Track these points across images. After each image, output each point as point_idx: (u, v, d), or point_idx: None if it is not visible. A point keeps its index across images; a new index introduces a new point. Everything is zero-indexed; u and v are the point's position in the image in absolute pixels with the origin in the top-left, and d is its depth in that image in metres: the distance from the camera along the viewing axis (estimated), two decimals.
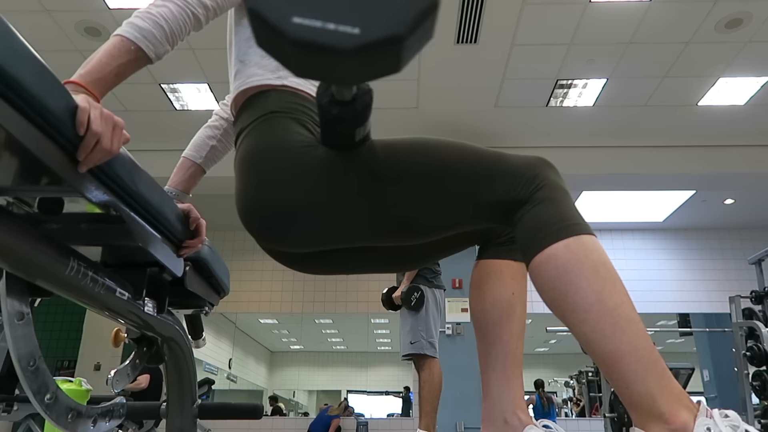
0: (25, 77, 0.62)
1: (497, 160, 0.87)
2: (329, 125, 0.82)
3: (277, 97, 0.96)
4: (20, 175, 0.76)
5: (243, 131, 0.96)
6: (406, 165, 0.87)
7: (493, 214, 0.86)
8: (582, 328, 0.76)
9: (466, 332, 5.79)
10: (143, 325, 1.05)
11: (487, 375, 0.97)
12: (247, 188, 0.91)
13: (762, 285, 5.32)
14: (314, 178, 0.86)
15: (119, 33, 0.84)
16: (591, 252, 0.78)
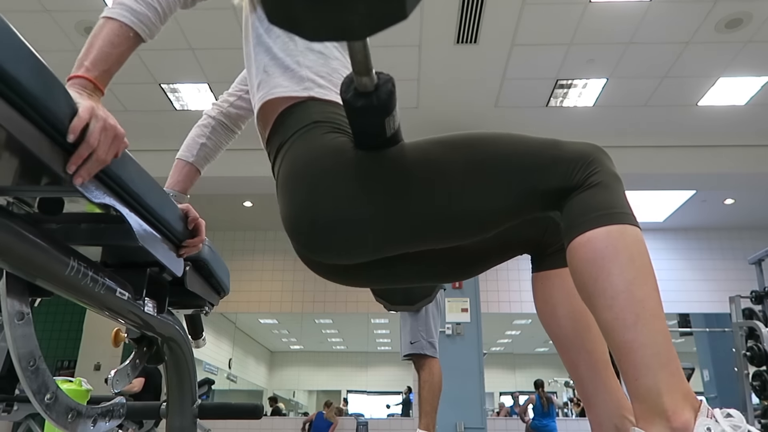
0: (25, 77, 0.62)
1: (551, 147, 0.86)
2: (358, 120, 0.83)
3: (314, 108, 0.94)
4: (20, 175, 0.75)
5: (283, 146, 0.94)
6: (456, 158, 0.85)
7: (550, 202, 0.85)
8: (605, 314, 0.75)
9: (466, 332, 5.79)
10: (143, 325, 1.05)
11: (584, 385, 0.95)
12: (296, 201, 0.89)
13: (762, 285, 5.32)
14: (363, 182, 0.85)
15: (114, 17, 0.81)
16: (631, 242, 0.77)
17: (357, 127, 0.85)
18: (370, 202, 0.85)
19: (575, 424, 7.70)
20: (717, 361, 7.93)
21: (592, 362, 0.94)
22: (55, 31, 4.33)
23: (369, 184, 0.85)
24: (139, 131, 5.69)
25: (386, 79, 0.79)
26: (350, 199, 0.85)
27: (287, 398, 12.25)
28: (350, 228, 0.86)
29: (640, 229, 0.80)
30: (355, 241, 0.87)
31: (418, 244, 0.89)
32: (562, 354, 0.98)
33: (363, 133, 0.86)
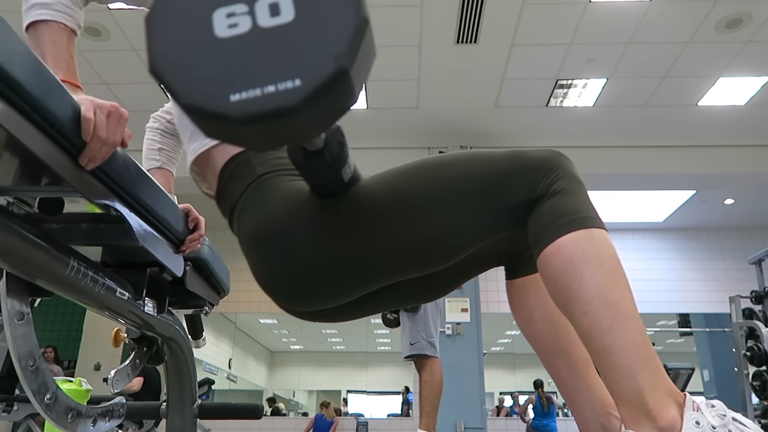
0: (24, 77, 0.62)
1: (512, 160, 0.84)
2: (314, 177, 0.79)
3: (254, 160, 0.90)
4: (20, 175, 0.75)
5: (235, 207, 0.90)
6: (416, 189, 0.83)
7: (520, 215, 0.83)
8: (581, 320, 0.76)
9: (466, 332, 5.79)
10: (143, 325, 1.05)
11: (566, 387, 0.95)
12: (265, 260, 0.86)
13: (762, 285, 5.32)
14: (330, 227, 0.83)
15: (40, 19, 0.86)
16: (600, 246, 0.77)
17: (312, 183, 0.81)
18: (341, 246, 0.82)
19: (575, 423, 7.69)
20: (717, 361, 7.93)
21: (572, 363, 0.94)
22: None
23: (336, 228, 0.83)
24: (139, 131, 5.68)
25: (334, 131, 0.75)
26: (320, 247, 0.82)
27: (287, 398, 12.25)
28: (327, 275, 0.83)
29: (607, 231, 0.80)
30: (334, 286, 0.85)
31: (397, 275, 0.87)
32: (542, 358, 0.98)
33: (319, 187, 0.82)
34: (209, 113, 0.44)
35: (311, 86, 0.43)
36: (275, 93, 0.43)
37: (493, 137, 5.96)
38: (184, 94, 0.44)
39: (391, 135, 5.97)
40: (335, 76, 0.43)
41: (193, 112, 0.45)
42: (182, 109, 0.45)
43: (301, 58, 0.43)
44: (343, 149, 0.75)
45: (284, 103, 0.43)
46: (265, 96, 0.43)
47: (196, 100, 0.44)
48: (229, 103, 0.43)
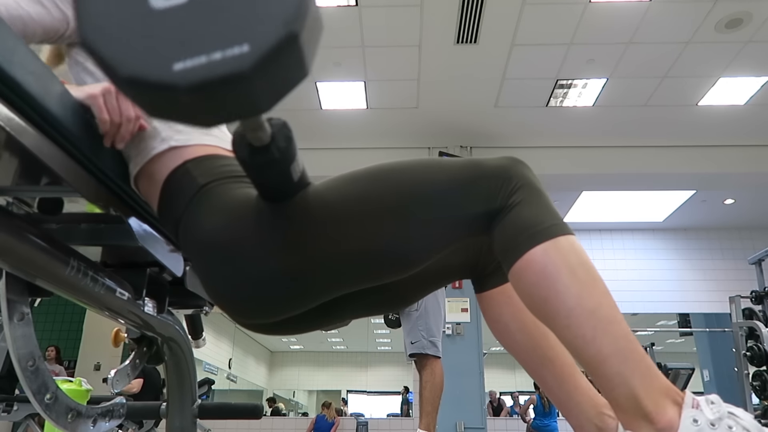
0: (24, 77, 0.62)
1: (467, 168, 0.81)
2: (260, 176, 0.75)
3: (194, 170, 0.87)
4: (20, 175, 0.76)
5: (180, 222, 0.85)
6: (369, 197, 0.80)
7: (478, 226, 0.81)
8: (564, 334, 0.75)
9: (466, 332, 5.79)
10: (143, 325, 1.05)
11: (555, 394, 0.95)
12: (212, 276, 0.82)
13: (762, 285, 5.32)
14: (275, 238, 0.79)
15: None
16: (568, 254, 0.75)
17: (260, 182, 0.77)
18: (291, 254, 0.79)
19: None
20: (717, 361, 7.93)
21: (557, 369, 0.94)
22: None
23: (285, 235, 0.79)
24: None
25: (280, 125, 0.71)
26: (269, 255, 0.79)
27: (287, 398, 12.25)
28: (277, 284, 0.80)
29: (573, 234, 0.78)
30: (285, 296, 0.81)
31: (351, 285, 0.84)
32: (526, 368, 0.98)
33: (267, 187, 0.78)
34: (152, 84, 0.41)
35: (260, 51, 0.40)
36: (222, 59, 0.40)
37: (493, 137, 5.96)
38: (123, 66, 0.41)
39: (391, 135, 5.97)
40: (285, 41, 0.41)
41: (133, 85, 0.42)
42: (120, 83, 0.42)
43: (247, 24, 0.41)
44: (290, 144, 0.72)
45: (233, 69, 0.40)
46: (211, 63, 0.41)
47: (137, 71, 0.41)
48: (173, 71, 0.41)
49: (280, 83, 0.44)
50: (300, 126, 4.35)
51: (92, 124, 0.80)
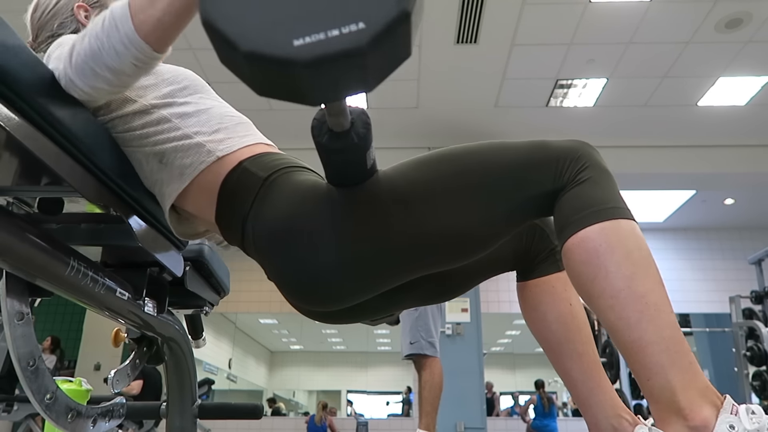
0: (24, 78, 0.62)
1: (536, 150, 0.81)
2: (337, 161, 0.77)
3: (257, 165, 0.87)
4: (20, 175, 0.76)
5: (246, 219, 0.84)
6: (438, 180, 0.81)
7: (544, 206, 0.81)
8: (608, 315, 0.73)
9: (466, 332, 5.79)
10: (143, 325, 1.05)
11: (578, 389, 0.94)
12: (283, 266, 0.82)
13: (762, 285, 5.32)
14: (347, 224, 0.79)
15: None
16: (626, 237, 0.74)
17: (335, 168, 0.79)
18: (362, 239, 0.79)
19: (575, 423, 7.70)
20: (717, 361, 7.93)
21: (585, 365, 0.93)
22: None
23: (357, 221, 0.80)
24: None
25: (359, 112, 0.74)
26: (341, 241, 0.79)
27: (287, 398, 12.25)
28: (348, 270, 0.80)
29: (636, 222, 0.77)
30: (356, 282, 0.82)
31: (420, 269, 0.85)
32: (553, 359, 0.97)
33: (341, 173, 0.80)
34: (272, 58, 0.43)
35: (376, 28, 0.43)
36: (340, 36, 0.43)
37: (493, 137, 5.92)
38: (244, 41, 0.43)
39: (391, 135, 5.97)
40: (399, 19, 0.43)
41: (253, 59, 0.44)
42: (239, 58, 0.44)
43: (363, 2, 0.44)
44: (368, 130, 0.75)
45: (350, 44, 0.43)
46: (329, 39, 0.43)
47: (258, 46, 0.43)
48: (293, 47, 0.43)
49: (387, 62, 0.47)
50: (300, 126, 4.36)
51: (92, 124, 0.80)
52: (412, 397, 8.08)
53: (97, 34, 0.74)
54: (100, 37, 0.74)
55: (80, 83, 0.76)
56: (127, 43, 0.73)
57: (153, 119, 0.89)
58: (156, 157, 0.89)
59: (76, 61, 0.75)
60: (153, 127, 0.89)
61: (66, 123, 0.70)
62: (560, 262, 0.99)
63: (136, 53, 0.74)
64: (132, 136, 0.89)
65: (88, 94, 0.78)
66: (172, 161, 0.88)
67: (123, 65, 0.75)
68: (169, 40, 0.76)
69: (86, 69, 0.75)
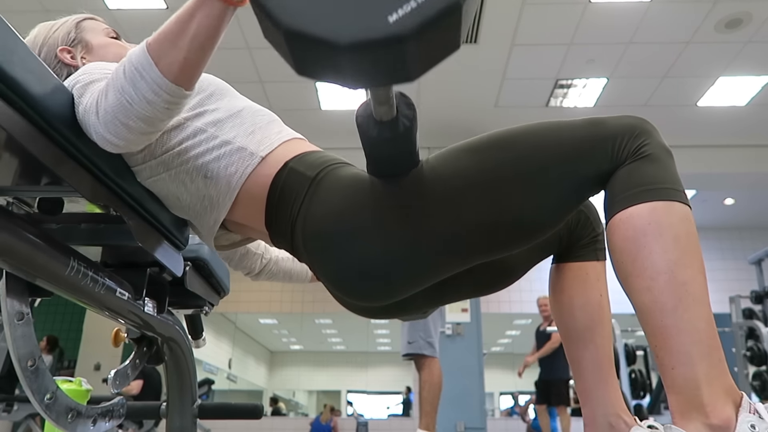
0: (24, 78, 0.62)
1: (593, 128, 0.78)
2: (387, 151, 0.75)
3: (303, 164, 0.85)
4: (20, 175, 0.76)
5: (295, 221, 0.83)
6: (490, 166, 0.78)
7: (602, 184, 0.78)
8: (643, 296, 0.70)
9: (466, 332, 5.79)
10: (143, 325, 1.05)
11: (584, 379, 0.92)
12: (333, 260, 0.81)
13: (762, 285, 5.32)
14: (395, 215, 0.78)
15: None
16: (678, 220, 0.71)
17: (384, 160, 0.77)
18: (412, 230, 0.78)
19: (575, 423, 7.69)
20: None
21: (598, 357, 0.92)
22: None
23: (406, 212, 0.78)
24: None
25: (399, 95, 0.72)
26: (391, 232, 0.78)
27: (287, 398, 12.25)
28: (399, 262, 0.78)
29: (690, 208, 0.73)
30: (407, 274, 0.80)
31: (473, 258, 0.82)
32: (568, 345, 0.96)
33: (390, 164, 0.78)
34: (378, 41, 0.41)
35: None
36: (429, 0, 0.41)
37: None
38: (342, 35, 0.41)
39: None
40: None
41: (358, 49, 0.41)
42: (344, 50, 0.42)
43: None
44: (414, 111, 0.73)
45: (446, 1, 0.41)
46: (421, 4, 0.41)
47: (358, 35, 0.41)
48: (390, 24, 0.41)
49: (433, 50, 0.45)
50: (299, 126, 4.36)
51: None
52: (412, 397, 8.09)
53: (122, 87, 0.70)
54: (126, 90, 0.70)
55: (115, 139, 0.73)
56: (157, 90, 0.70)
57: (189, 133, 0.87)
58: (200, 172, 0.86)
59: (105, 119, 0.71)
60: (190, 140, 0.86)
61: (66, 123, 0.70)
62: (599, 252, 0.99)
63: (168, 98, 0.71)
64: (171, 156, 0.86)
65: (125, 146, 0.75)
66: (218, 173, 0.85)
67: (156, 112, 0.71)
68: (198, 75, 0.74)
69: (117, 124, 0.71)
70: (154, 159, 0.87)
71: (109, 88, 0.72)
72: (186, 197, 0.89)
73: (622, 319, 5.60)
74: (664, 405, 5.42)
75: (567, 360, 0.97)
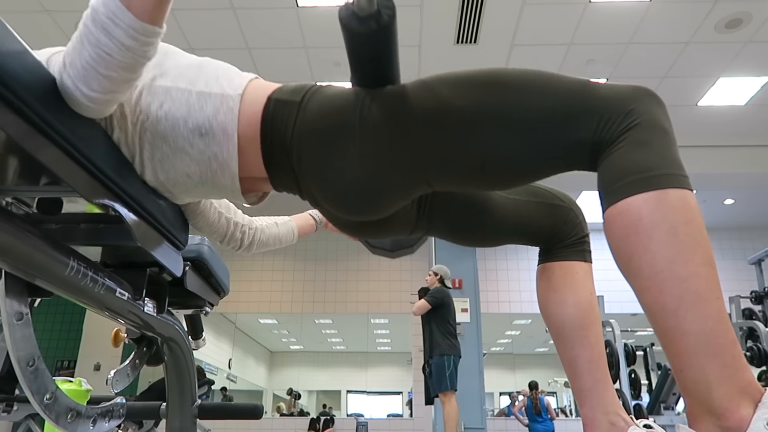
0: (23, 78, 0.62)
1: (583, 92, 0.74)
2: (363, 49, 0.77)
3: (283, 94, 0.86)
4: (19, 175, 0.75)
5: (291, 147, 0.84)
6: (476, 107, 0.77)
7: (582, 158, 0.75)
8: (644, 298, 0.66)
9: (466, 332, 5.78)
10: (143, 325, 1.05)
11: (581, 379, 0.90)
12: (326, 179, 0.83)
13: (762, 285, 5.32)
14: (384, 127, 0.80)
15: None
16: (673, 210, 0.66)
17: (364, 60, 0.79)
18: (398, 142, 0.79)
19: (575, 424, 7.69)
20: None
21: (593, 357, 0.91)
22: (55, 31, 4.32)
23: (393, 122, 0.79)
24: None
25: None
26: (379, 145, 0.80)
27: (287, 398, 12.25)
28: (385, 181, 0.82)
29: (690, 189, 0.68)
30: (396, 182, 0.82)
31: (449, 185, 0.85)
32: (561, 346, 0.94)
33: (370, 66, 0.80)
34: None
35: None
36: None
37: None
38: None
39: None
40: None
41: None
42: None
43: None
44: (394, 9, 0.74)
45: None
46: None
47: None
48: None
49: None
50: None
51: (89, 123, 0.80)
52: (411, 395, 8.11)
53: (97, 39, 0.67)
54: (102, 41, 0.67)
55: (99, 95, 0.70)
56: (134, 35, 0.67)
57: (164, 96, 0.84)
58: (194, 132, 0.83)
59: (85, 75, 0.68)
60: (169, 103, 0.83)
61: (64, 123, 0.69)
62: (587, 254, 0.98)
63: (146, 40, 0.68)
64: (163, 125, 0.83)
65: (109, 101, 0.73)
66: (210, 125, 0.83)
67: (137, 57, 0.69)
68: (167, 10, 0.71)
69: (99, 78, 0.68)
70: (146, 131, 0.83)
71: (83, 43, 0.68)
72: (194, 168, 0.86)
73: (622, 319, 5.61)
74: (663, 405, 5.42)
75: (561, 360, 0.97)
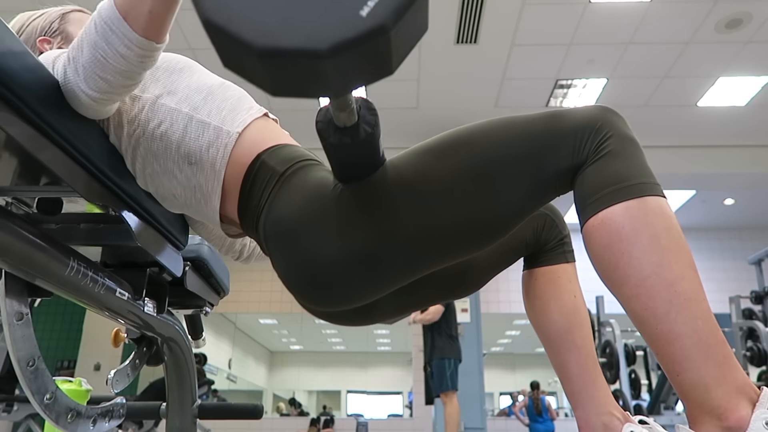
0: (23, 78, 0.62)
1: (550, 123, 0.75)
2: (348, 157, 0.73)
3: (275, 159, 0.84)
4: (19, 175, 0.76)
5: (260, 215, 0.82)
6: (448, 167, 0.76)
7: (565, 184, 0.75)
8: (632, 305, 0.67)
9: (466, 332, 5.78)
10: (143, 325, 1.05)
11: (572, 383, 0.91)
12: (290, 262, 0.79)
13: (762, 285, 5.32)
14: (357, 218, 0.76)
15: None
16: (654, 217, 0.67)
17: (347, 165, 0.75)
18: (372, 233, 0.75)
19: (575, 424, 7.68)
20: None
21: (582, 358, 0.91)
22: None
23: (367, 214, 0.76)
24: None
25: (362, 101, 0.71)
26: (351, 235, 0.76)
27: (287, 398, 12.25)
28: (358, 266, 0.76)
29: (665, 198, 0.70)
30: (366, 278, 0.78)
31: (433, 262, 0.80)
32: (551, 351, 0.95)
33: (353, 169, 0.76)
34: (360, 37, 0.39)
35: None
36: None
37: None
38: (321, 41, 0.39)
39: (391, 135, 5.97)
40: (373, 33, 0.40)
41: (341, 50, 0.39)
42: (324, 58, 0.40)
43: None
44: (377, 116, 0.72)
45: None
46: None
47: (337, 37, 0.39)
48: (365, 18, 0.39)
49: (359, 72, 0.43)
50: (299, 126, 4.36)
51: (89, 123, 0.80)
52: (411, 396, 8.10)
53: (95, 42, 0.71)
54: (100, 45, 0.71)
55: (98, 95, 0.73)
56: (129, 44, 0.70)
57: (165, 115, 0.85)
58: (184, 159, 0.84)
59: (85, 75, 0.71)
60: (167, 123, 0.84)
61: (64, 123, 0.69)
62: (568, 254, 0.98)
63: (140, 51, 0.71)
64: (157, 144, 0.85)
65: (108, 102, 0.75)
66: (200, 156, 0.83)
67: (132, 66, 0.72)
68: (166, 28, 0.74)
69: (96, 79, 0.72)
70: (140, 146, 0.85)
71: (84, 44, 0.72)
72: (180, 191, 0.87)
73: (622, 319, 5.60)
74: (664, 405, 5.42)
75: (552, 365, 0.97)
